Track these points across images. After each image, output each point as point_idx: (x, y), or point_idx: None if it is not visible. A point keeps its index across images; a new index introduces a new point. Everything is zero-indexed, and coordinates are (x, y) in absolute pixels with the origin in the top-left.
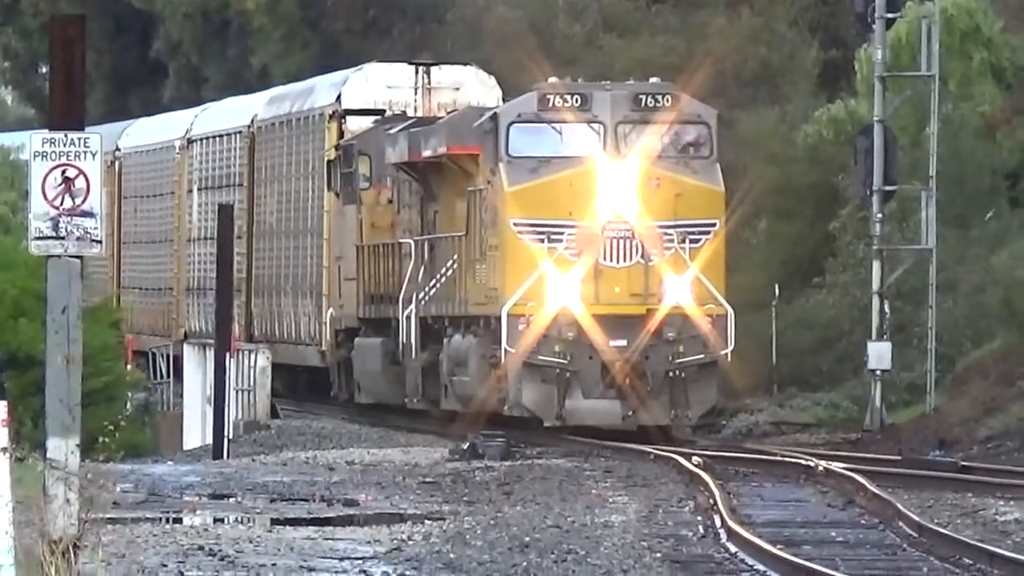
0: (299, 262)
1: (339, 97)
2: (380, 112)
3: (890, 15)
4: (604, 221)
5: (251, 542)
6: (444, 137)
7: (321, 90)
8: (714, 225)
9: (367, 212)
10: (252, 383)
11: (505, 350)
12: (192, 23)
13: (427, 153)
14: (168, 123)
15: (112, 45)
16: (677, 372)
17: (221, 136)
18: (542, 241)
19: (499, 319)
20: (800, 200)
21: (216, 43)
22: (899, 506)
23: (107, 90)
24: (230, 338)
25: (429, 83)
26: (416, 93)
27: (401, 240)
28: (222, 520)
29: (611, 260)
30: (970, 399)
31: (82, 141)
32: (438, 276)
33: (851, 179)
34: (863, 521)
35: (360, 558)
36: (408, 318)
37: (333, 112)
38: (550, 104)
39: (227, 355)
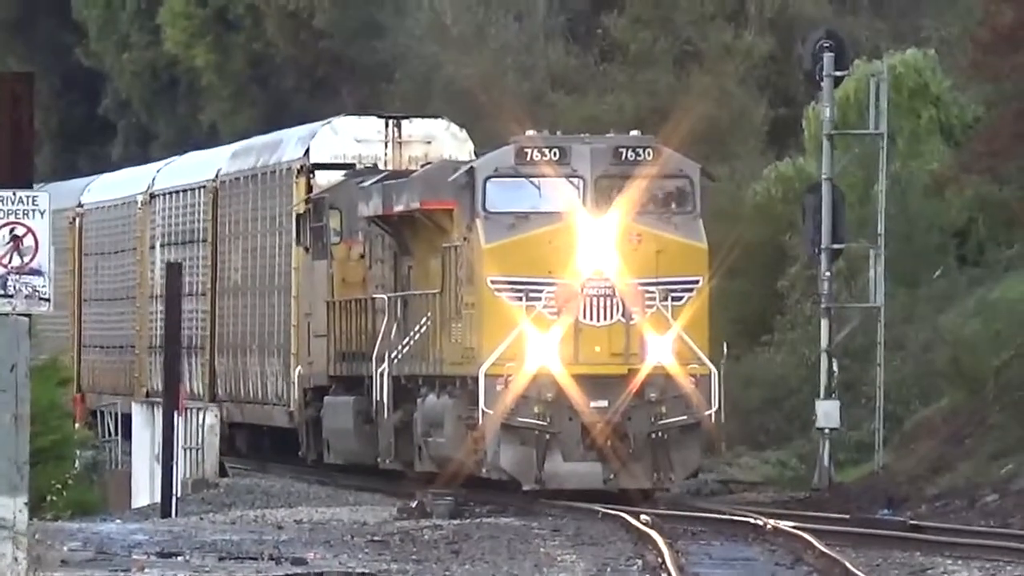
0: (266, 319)
1: (308, 151)
2: (350, 166)
3: (838, 73)
4: (584, 278)
5: None
6: (418, 191)
7: (288, 143)
8: (697, 282)
9: (338, 267)
10: (200, 441)
11: (483, 411)
12: (140, 81)
13: (400, 207)
14: (130, 178)
15: (60, 102)
16: (660, 434)
17: (184, 191)
18: (520, 299)
19: (476, 379)
20: (748, 258)
21: (165, 101)
22: (848, 565)
23: (55, 148)
24: (178, 396)
25: (399, 136)
26: (387, 147)
27: (375, 296)
28: None
29: (591, 319)
30: (918, 457)
31: (31, 199)
32: (412, 334)
33: (799, 237)
34: None
35: None
36: (381, 375)
37: (301, 166)
38: (528, 158)
39: (175, 413)
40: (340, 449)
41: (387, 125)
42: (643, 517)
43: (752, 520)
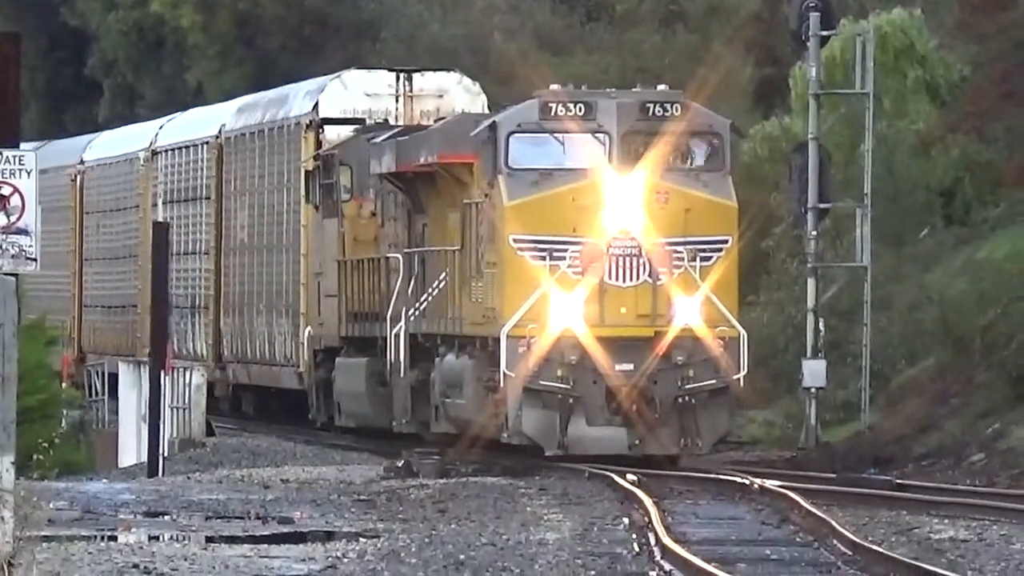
0: (274, 279)
1: (316, 106)
2: (360, 121)
3: (824, 33)
4: (610, 237)
5: (186, 560)
6: (437, 145)
7: (296, 98)
8: (726, 242)
9: (349, 225)
10: (187, 401)
11: (504, 374)
12: (127, 41)
13: (418, 162)
14: (132, 135)
15: (47, 63)
16: (687, 398)
17: (187, 147)
18: (543, 258)
19: (497, 341)
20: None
21: (151, 61)
22: (834, 524)
23: (42, 108)
24: (165, 356)
25: (411, 90)
26: (397, 101)
27: (389, 255)
28: (157, 538)
29: (617, 279)
30: (905, 417)
31: (17, 159)
32: (430, 291)
33: (785, 197)
34: (798, 539)
35: (296, 575)
36: (397, 336)
37: (310, 121)
38: (552, 113)
39: (162, 373)
40: (352, 412)
41: (398, 79)
42: (629, 476)
43: (739, 479)
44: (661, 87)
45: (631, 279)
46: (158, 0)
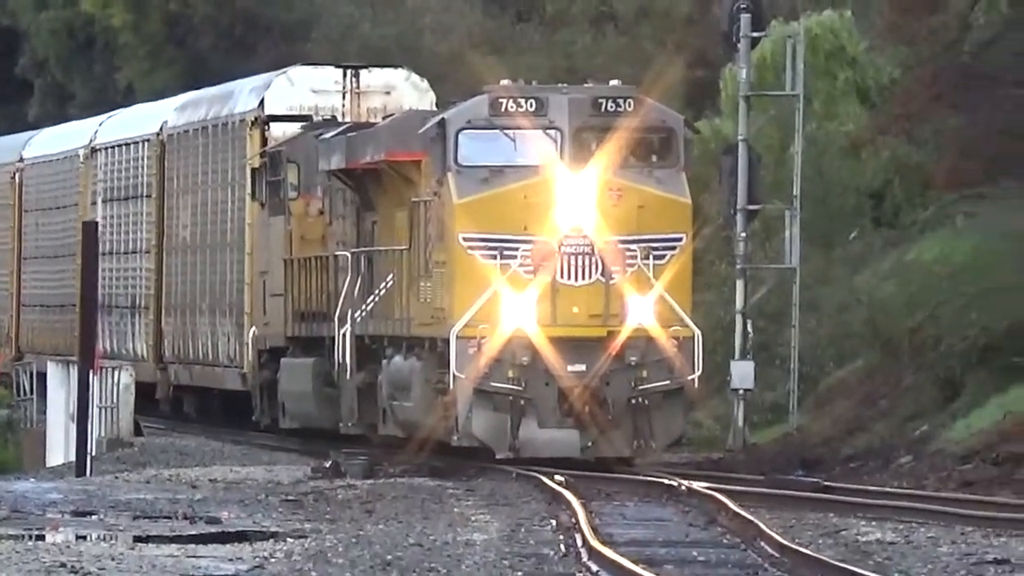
0: (217, 278)
1: (262, 102)
2: (306, 118)
3: (755, 34)
4: (561, 236)
5: (113, 560)
6: (385, 143)
7: (241, 95)
8: (680, 240)
9: (296, 223)
10: (115, 400)
11: (454, 375)
12: (57, 40)
13: (366, 160)
14: (72, 132)
15: None
16: (640, 399)
17: (127, 144)
18: (494, 257)
19: (447, 342)
20: None
21: (82, 60)
22: (761, 526)
23: None
24: (94, 356)
25: (358, 87)
26: (344, 97)
27: (337, 253)
28: (85, 537)
29: (569, 278)
30: (833, 419)
31: None
32: (377, 292)
33: (715, 198)
34: (725, 540)
35: (223, 575)
36: (344, 336)
37: (256, 118)
38: (503, 109)
39: (90, 372)
40: (297, 413)
41: (345, 75)
42: (557, 477)
43: (666, 481)
44: (614, 82)
45: (583, 278)
46: (88, 0)
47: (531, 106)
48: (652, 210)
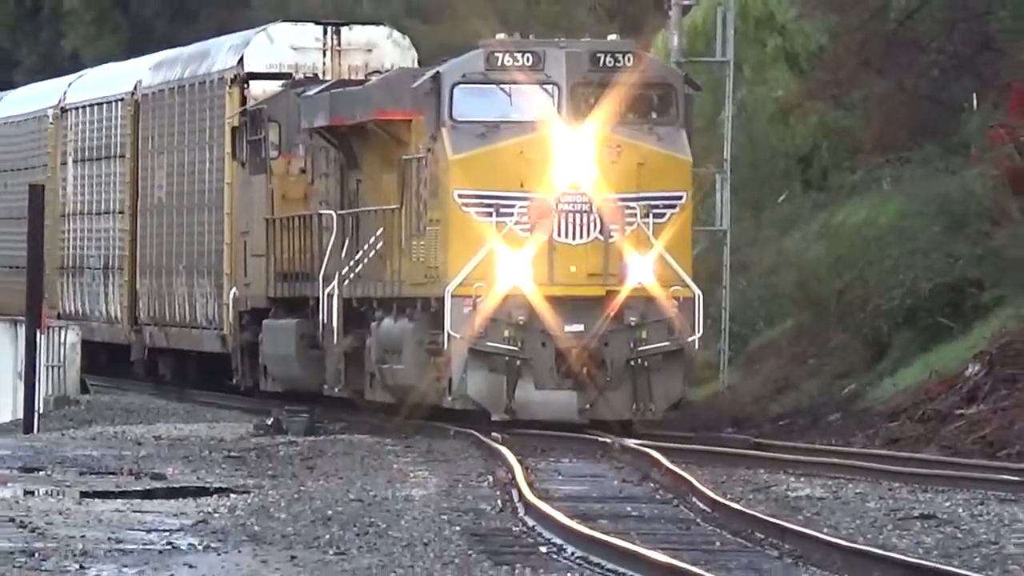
0: (195, 239)
1: (241, 59)
2: (286, 76)
3: (686, 2)
4: (559, 193)
5: (61, 514)
6: (375, 101)
7: (219, 53)
8: (681, 198)
9: (278, 183)
10: (62, 359)
11: (448, 335)
12: (4, 7)
13: (353, 118)
14: (39, 92)
15: None
16: (640, 361)
17: (99, 104)
18: (490, 215)
19: (441, 301)
20: None
21: (28, 26)
22: (693, 481)
23: None
24: (40, 315)
25: (339, 44)
26: (325, 55)
27: (321, 212)
28: (32, 493)
29: (567, 236)
30: (763, 378)
31: None
32: (364, 253)
33: None
34: (658, 496)
35: (167, 530)
36: (330, 296)
37: (235, 76)
38: (498, 63)
39: (38, 332)
40: (280, 376)
41: (325, 32)
42: (494, 434)
43: (601, 438)
44: (612, 37)
45: (581, 236)
46: None
47: (527, 60)
48: (652, 167)
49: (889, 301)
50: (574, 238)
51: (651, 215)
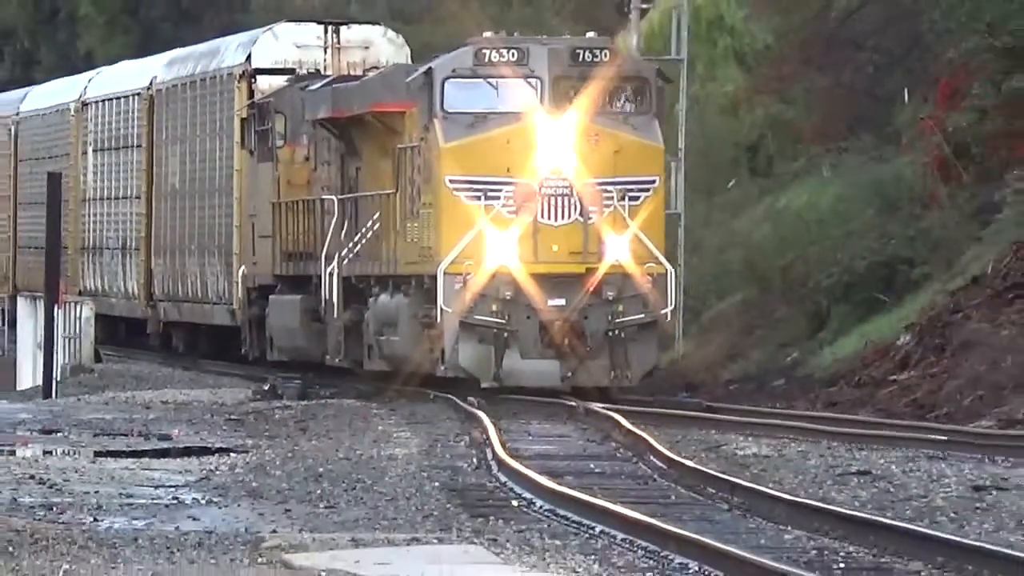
0: (206, 221)
1: (249, 56)
2: (290, 71)
3: (644, 5)
4: (542, 178)
5: (77, 472)
6: (372, 94)
7: (228, 50)
8: (653, 182)
9: (283, 170)
10: (78, 331)
11: (441, 309)
12: (25, 10)
13: (352, 110)
14: (63, 87)
15: None
16: (617, 332)
17: (117, 98)
18: (479, 198)
19: (433, 278)
20: None
21: (47, 28)
22: (651, 441)
23: None
24: (58, 292)
25: (338, 42)
26: (326, 52)
27: (323, 197)
28: (51, 452)
29: (549, 218)
30: (714, 347)
31: None
32: (362, 234)
33: None
34: (619, 455)
35: (173, 486)
36: (331, 274)
37: (243, 71)
38: (486, 59)
39: (55, 307)
40: (285, 346)
41: (326, 31)
42: (470, 399)
43: (567, 402)
44: (590, 34)
45: (563, 218)
46: None
47: (513, 56)
48: (627, 154)
49: (828, 277)
50: (556, 219)
51: (627, 198)
